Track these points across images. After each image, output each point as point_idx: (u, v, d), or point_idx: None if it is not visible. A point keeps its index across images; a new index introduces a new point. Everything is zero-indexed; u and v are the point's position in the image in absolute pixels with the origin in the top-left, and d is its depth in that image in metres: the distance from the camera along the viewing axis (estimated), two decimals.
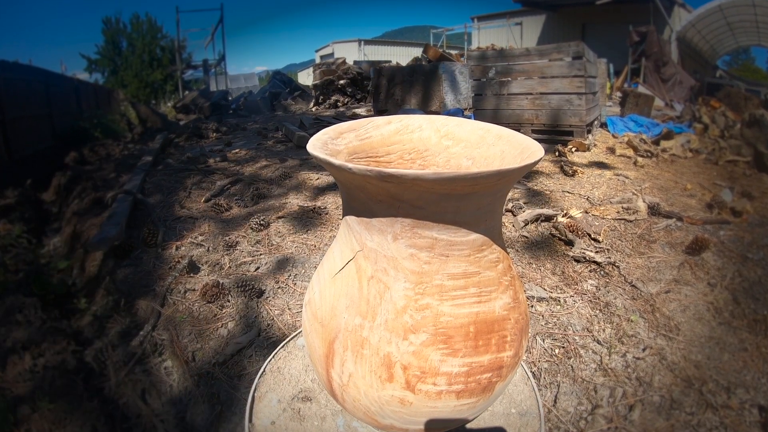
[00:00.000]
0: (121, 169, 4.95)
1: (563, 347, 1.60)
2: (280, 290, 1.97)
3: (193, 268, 2.20)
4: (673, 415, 1.32)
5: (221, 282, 1.96)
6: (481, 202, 0.71)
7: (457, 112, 6.40)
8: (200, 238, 2.55)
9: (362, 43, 26.03)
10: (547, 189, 3.17)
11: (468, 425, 0.97)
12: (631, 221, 2.57)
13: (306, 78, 21.97)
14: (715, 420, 1.30)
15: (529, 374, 1.14)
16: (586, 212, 2.66)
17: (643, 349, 1.58)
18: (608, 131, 5.37)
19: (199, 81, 20.01)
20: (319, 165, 3.96)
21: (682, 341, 1.62)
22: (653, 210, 2.67)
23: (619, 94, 9.29)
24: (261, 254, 2.30)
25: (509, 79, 4.74)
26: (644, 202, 2.75)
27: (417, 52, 17.81)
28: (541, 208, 2.73)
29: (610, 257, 2.15)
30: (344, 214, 0.83)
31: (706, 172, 3.90)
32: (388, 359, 0.74)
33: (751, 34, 13.71)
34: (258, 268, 2.18)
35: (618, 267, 2.08)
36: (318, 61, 20.89)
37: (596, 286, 1.96)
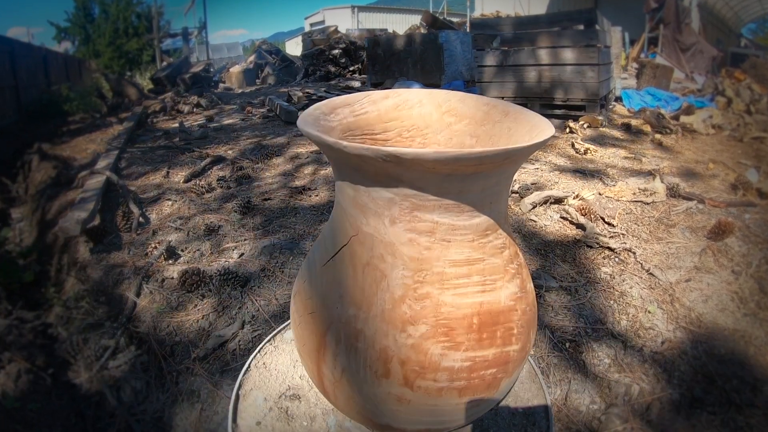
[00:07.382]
0: (93, 146, 4.90)
1: (574, 341, 1.59)
2: (266, 279, 1.96)
3: (171, 254, 2.18)
4: (694, 415, 1.33)
5: (202, 269, 1.94)
6: (486, 184, 0.70)
7: (460, 85, 6.35)
8: (179, 221, 2.53)
9: (356, 9, 25.79)
10: (557, 169, 3.15)
11: (471, 425, 0.96)
12: (648, 204, 2.56)
13: (295, 47, 21.79)
14: (740, 420, 1.30)
15: (537, 370, 1.13)
16: (599, 194, 2.65)
17: (662, 343, 1.58)
18: (623, 106, 5.35)
19: (179, 51, 19.77)
20: (308, 142, 3.93)
21: (703, 334, 1.61)
22: (672, 191, 2.66)
23: (635, 65, 9.25)
24: (245, 240, 2.28)
25: (516, 49, 4.69)
26: (662, 182, 2.74)
27: (415, 19, 17.62)
28: (550, 189, 2.72)
29: (625, 243, 2.14)
30: (337, 197, 0.82)
31: (729, 150, 3.89)
32: (384, 353, 0.73)
33: None
34: (242, 254, 2.16)
35: (634, 253, 2.07)
36: (307, 29, 20.68)
37: (610, 275, 1.95)
